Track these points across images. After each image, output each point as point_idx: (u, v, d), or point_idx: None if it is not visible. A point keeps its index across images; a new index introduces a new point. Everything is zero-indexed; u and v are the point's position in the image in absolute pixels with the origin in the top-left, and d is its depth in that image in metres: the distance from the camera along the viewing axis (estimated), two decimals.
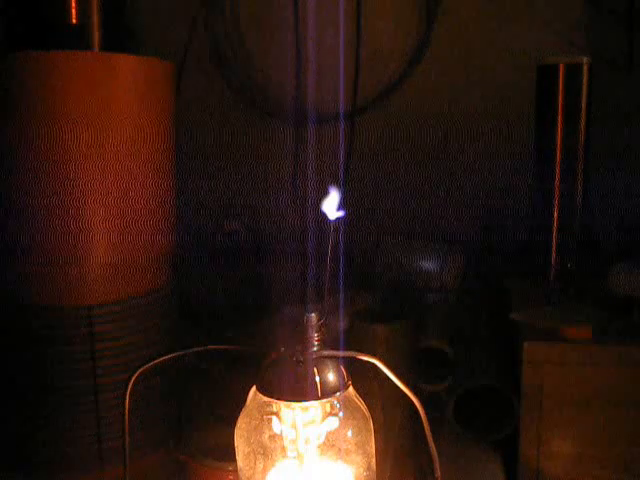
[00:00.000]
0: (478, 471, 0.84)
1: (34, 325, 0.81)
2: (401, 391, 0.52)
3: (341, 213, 0.53)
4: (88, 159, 0.80)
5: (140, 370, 0.55)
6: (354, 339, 0.86)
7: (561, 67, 0.99)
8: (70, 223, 0.80)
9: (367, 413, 0.55)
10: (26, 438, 0.84)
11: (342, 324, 0.83)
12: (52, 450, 0.83)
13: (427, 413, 0.53)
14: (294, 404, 0.53)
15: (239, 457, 0.56)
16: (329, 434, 0.55)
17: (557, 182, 1.01)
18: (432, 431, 0.53)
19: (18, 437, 0.84)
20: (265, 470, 0.56)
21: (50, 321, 0.81)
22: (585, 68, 0.99)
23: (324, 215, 0.53)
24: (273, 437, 0.55)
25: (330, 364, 0.53)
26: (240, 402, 0.56)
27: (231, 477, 0.74)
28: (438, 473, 0.54)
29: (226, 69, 1.28)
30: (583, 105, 1.00)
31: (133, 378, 0.55)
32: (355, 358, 0.53)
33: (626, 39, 1.16)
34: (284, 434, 0.54)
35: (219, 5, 1.27)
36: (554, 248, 1.02)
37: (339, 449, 0.56)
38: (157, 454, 0.86)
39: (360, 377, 0.56)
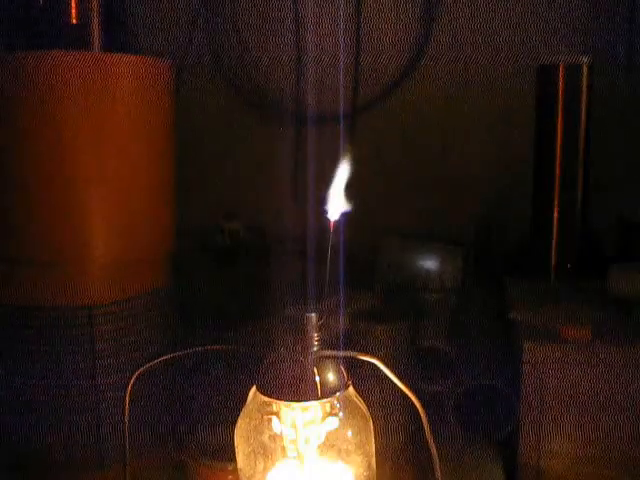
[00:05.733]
0: (478, 471, 0.84)
1: (34, 325, 0.81)
2: (401, 391, 0.52)
3: (341, 213, 0.53)
4: (88, 159, 0.80)
5: (140, 370, 0.55)
6: (354, 339, 0.86)
7: (561, 67, 0.99)
8: (70, 223, 0.80)
9: (367, 413, 0.55)
10: (26, 438, 0.84)
11: (342, 324, 0.83)
12: (52, 450, 0.83)
13: (427, 413, 0.53)
14: (294, 404, 0.53)
15: (239, 457, 0.56)
16: (329, 434, 0.55)
17: (557, 182, 1.01)
18: (432, 431, 0.53)
19: (18, 437, 0.84)
20: (265, 470, 0.56)
21: (50, 321, 0.81)
22: (585, 68, 0.99)
23: (324, 215, 0.53)
24: (273, 437, 0.55)
25: (330, 364, 0.53)
26: (240, 402, 0.56)
27: (231, 477, 0.74)
28: (438, 473, 0.54)
29: (226, 69, 1.28)
30: (583, 105, 1.00)
31: (133, 378, 0.55)
32: (355, 358, 0.53)
33: (626, 39, 1.16)
34: (284, 434, 0.54)
35: (219, 5, 1.27)
36: (554, 248, 1.02)
37: (339, 449, 0.56)
38: (157, 454, 0.86)
39: (360, 377, 0.56)
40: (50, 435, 0.83)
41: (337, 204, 0.53)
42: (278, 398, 0.53)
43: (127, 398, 0.55)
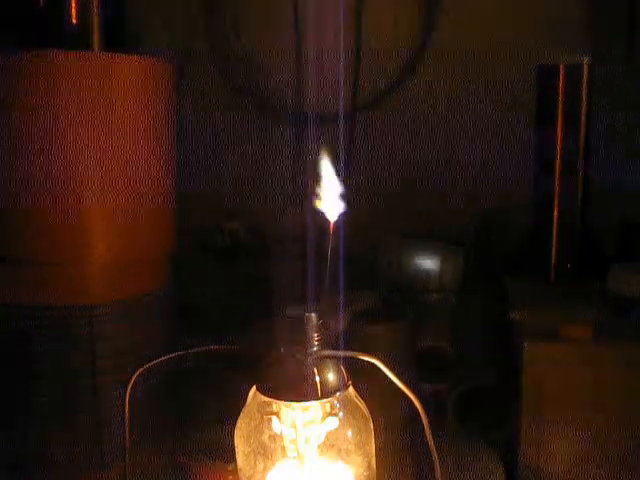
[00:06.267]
0: (478, 471, 0.84)
1: (34, 325, 0.81)
2: (401, 391, 0.52)
3: (341, 213, 0.53)
4: (88, 159, 0.80)
5: (140, 370, 0.55)
6: (354, 339, 0.86)
7: (561, 67, 0.99)
8: (70, 223, 0.80)
9: (367, 413, 0.55)
10: (26, 438, 0.84)
11: (342, 324, 0.83)
12: (52, 450, 0.83)
13: (427, 413, 0.53)
14: (294, 404, 0.53)
15: (239, 457, 0.56)
16: (329, 434, 0.55)
17: (557, 182, 1.01)
18: (432, 431, 0.53)
19: (18, 437, 0.84)
20: (265, 470, 0.56)
21: (50, 321, 0.81)
22: (585, 68, 0.99)
23: (324, 215, 0.53)
24: (273, 437, 0.55)
25: (330, 364, 0.53)
26: (240, 402, 0.56)
27: (231, 477, 0.74)
28: (438, 473, 0.54)
29: (226, 69, 1.28)
30: (583, 105, 1.00)
31: (133, 378, 0.55)
32: (355, 358, 0.53)
33: (626, 39, 1.15)
34: (284, 434, 0.54)
35: (220, 6, 1.27)
36: (554, 248, 1.02)
37: (339, 449, 0.56)
38: (157, 454, 0.86)
39: (360, 377, 0.56)
40: (50, 435, 0.83)
41: (335, 204, 0.53)
42: (278, 398, 0.53)
43: (127, 398, 0.55)
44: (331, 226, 0.53)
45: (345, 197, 0.53)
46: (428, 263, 1.10)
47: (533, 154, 1.04)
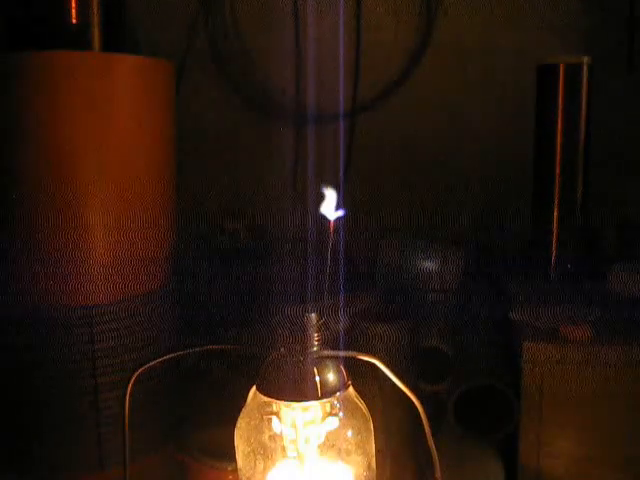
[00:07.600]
0: (478, 471, 0.84)
1: (34, 325, 0.81)
2: (401, 391, 0.52)
3: (341, 213, 0.53)
4: (88, 159, 0.80)
5: (140, 370, 0.55)
6: (354, 339, 0.86)
7: (561, 67, 0.99)
8: (70, 223, 0.80)
9: (367, 413, 0.55)
10: (26, 438, 0.84)
11: (342, 324, 0.83)
12: (52, 450, 0.83)
13: (427, 413, 0.53)
14: (294, 404, 0.53)
15: (239, 457, 0.56)
16: (329, 434, 0.55)
17: (557, 182, 1.01)
18: (432, 431, 0.53)
19: (18, 437, 0.84)
20: (265, 470, 0.56)
21: (50, 321, 0.81)
22: (585, 68, 0.99)
23: (324, 215, 0.53)
24: (273, 437, 0.55)
25: (330, 364, 0.53)
26: (240, 402, 0.56)
27: (231, 477, 0.74)
28: (438, 473, 0.54)
29: (226, 69, 1.28)
30: (583, 105, 1.00)
31: (133, 378, 0.55)
32: (355, 358, 0.53)
33: (626, 39, 1.16)
34: (284, 434, 0.54)
35: (219, 5, 1.27)
36: (554, 248, 1.02)
37: (339, 449, 0.56)
38: (157, 454, 0.86)
39: (360, 377, 0.56)
40: (50, 435, 0.83)
41: (335, 204, 0.52)
42: (278, 398, 0.53)
43: (127, 398, 0.55)
44: (331, 226, 0.53)
45: (345, 198, 0.53)
46: (428, 263, 1.10)
47: (533, 154, 1.04)
